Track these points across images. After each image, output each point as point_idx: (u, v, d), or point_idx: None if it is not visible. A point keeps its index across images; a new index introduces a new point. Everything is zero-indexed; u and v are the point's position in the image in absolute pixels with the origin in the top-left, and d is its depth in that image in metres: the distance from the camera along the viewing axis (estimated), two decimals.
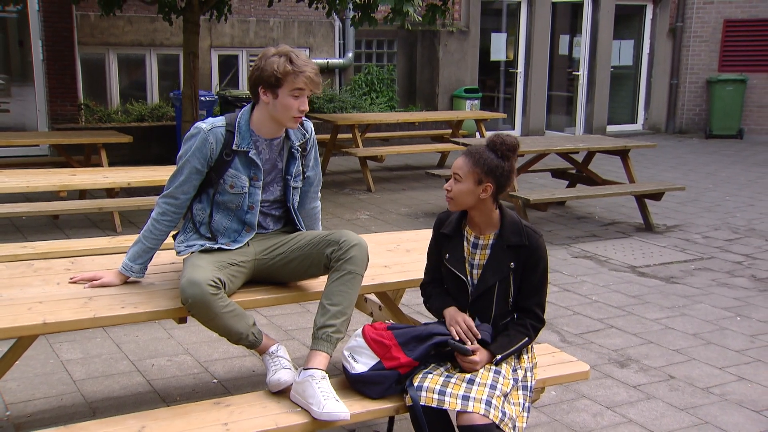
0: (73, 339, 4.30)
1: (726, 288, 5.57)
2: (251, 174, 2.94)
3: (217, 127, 2.91)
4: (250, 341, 2.85)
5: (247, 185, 2.94)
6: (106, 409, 3.49)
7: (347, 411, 2.61)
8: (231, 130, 2.91)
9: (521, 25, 13.45)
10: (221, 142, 2.89)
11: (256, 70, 2.87)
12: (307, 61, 2.86)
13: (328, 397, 2.61)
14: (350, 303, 2.83)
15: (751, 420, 3.57)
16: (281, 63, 2.81)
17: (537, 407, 3.58)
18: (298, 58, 2.83)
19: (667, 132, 14.90)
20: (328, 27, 12.20)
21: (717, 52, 14.42)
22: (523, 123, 13.71)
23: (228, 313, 2.73)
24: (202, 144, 2.88)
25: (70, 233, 6.54)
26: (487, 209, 2.80)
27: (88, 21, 10.46)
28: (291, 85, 2.82)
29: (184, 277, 2.69)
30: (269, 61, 2.82)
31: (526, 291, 2.81)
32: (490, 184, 2.72)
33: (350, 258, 2.83)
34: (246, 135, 2.92)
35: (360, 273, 2.85)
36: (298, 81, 2.82)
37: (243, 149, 2.91)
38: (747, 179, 10.16)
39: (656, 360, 4.25)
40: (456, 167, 2.77)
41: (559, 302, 5.16)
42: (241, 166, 2.92)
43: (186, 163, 2.90)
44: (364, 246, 2.88)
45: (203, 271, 2.70)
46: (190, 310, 2.71)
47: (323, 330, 2.78)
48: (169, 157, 9.63)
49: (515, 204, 6.79)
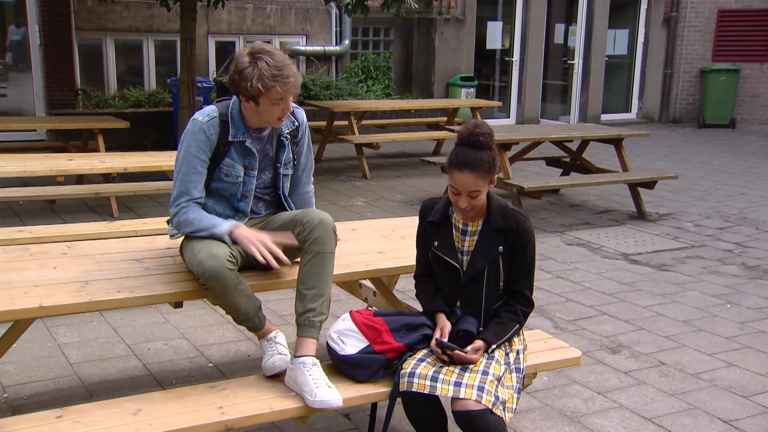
0: (69, 323, 4.33)
1: (717, 276, 5.63)
2: (246, 163, 2.94)
3: (213, 117, 2.87)
4: (254, 323, 2.89)
5: (242, 174, 2.94)
6: (103, 392, 3.53)
7: (340, 397, 2.64)
8: (225, 120, 2.88)
9: (517, 13, 13.43)
10: (218, 132, 2.87)
11: (232, 79, 2.79)
12: (282, 66, 2.73)
13: (320, 384, 2.64)
14: (325, 283, 2.83)
15: (739, 405, 3.62)
16: (254, 80, 2.70)
17: (529, 392, 3.63)
18: (271, 68, 2.70)
19: (660, 121, 14.94)
20: (325, 14, 12.18)
21: (711, 42, 14.45)
22: (518, 111, 13.73)
23: (240, 291, 2.77)
24: (205, 137, 2.85)
25: (67, 218, 6.56)
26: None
27: (85, 6, 10.42)
28: (269, 97, 2.75)
29: (202, 251, 2.69)
30: (244, 74, 2.72)
31: (516, 274, 2.84)
32: (495, 176, 2.75)
33: (315, 238, 2.81)
34: (240, 125, 2.91)
35: (327, 251, 2.82)
36: (273, 94, 2.74)
37: (239, 139, 2.90)
38: (739, 168, 10.21)
39: (647, 346, 4.30)
40: (467, 186, 2.67)
41: (552, 289, 5.21)
42: (236, 156, 2.92)
43: (194, 159, 2.86)
44: (327, 223, 2.84)
45: (221, 246, 2.72)
46: (205, 284, 2.71)
47: (304, 316, 2.80)
48: (167, 143, 9.67)
49: (510, 191, 6.83)
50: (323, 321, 2.83)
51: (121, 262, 3.07)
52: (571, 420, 3.43)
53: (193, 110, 8.10)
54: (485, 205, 2.84)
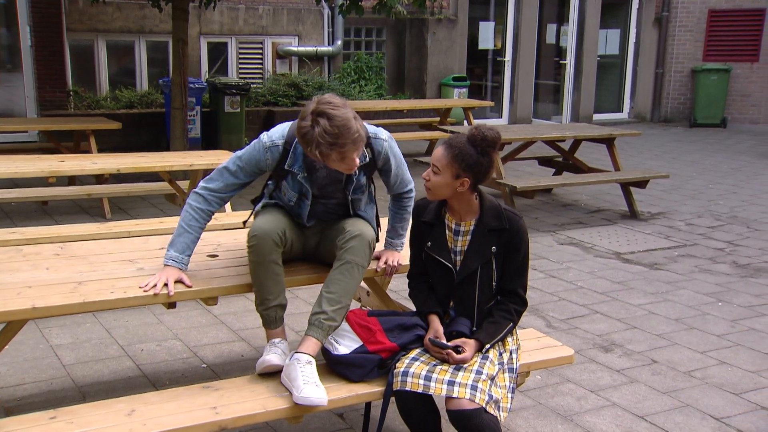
0: (62, 324, 4.32)
1: (708, 274, 5.66)
2: (301, 191, 2.98)
3: (276, 145, 2.88)
4: (269, 315, 2.95)
5: (295, 200, 3.00)
6: (96, 393, 3.52)
7: (325, 397, 2.64)
8: (288, 149, 2.88)
9: (509, 13, 13.46)
10: (277, 159, 2.90)
11: (299, 137, 2.73)
12: (339, 132, 2.64)
13: (308, 382, 2.64)
14: (346, 292, 2.87)
15: (731, 403, 3.65)
16: (313, 146, 2.65)
17: (522, 391, 3.64)
18: (327, 135, 2.63)
19: (652, 120, 14.99)
20: (317, 15, 12.18)
21: (702, 42, 14.51)
22: (510, 111, 13.76)
23: (272, 270, 2.86)
24: (259, 158, 2.90)
25: (59, 219, 6.54)
26: (465, 198, 2.82)
27: (76, 7, 10.40)
28: (335, 158, 2.71)
29: (264, 216, 2.92)
30: (305, 138, 2.67)
31: (510, 273, 2.85)
32: (467, 179, 2.74)
33: (350, 248, 2.88)
34: (300, 157, 2.88)
35: (357, 263, 2.89)
36: (332, 158, 2.71)
37: (294, 171, 2.91)
38: (730, 167, 10.26)
39: (639, 345, 4.32)
40: (435, 158, 2.77)
41: (545, 288, 5.23)
42: (293, 182, 2.96)
43: (232, 171, 2.93)
44: (366, 237, 2.91)
45: (277, 221, 2.90)
46: (249, 246, 2.85)
47: (316, 316, 2.84)
48: (159, 144, 9.65)
49: (502, 191, 6.85)
50: (333, 327, 2.85)
51: (114, 262, 3.07)
52: (564, 418, 3.45)
53: (185, 111, 8.10)
54: (478, 205, 2.85)
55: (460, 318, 2.85)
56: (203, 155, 6.06)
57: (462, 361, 2.70)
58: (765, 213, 7.67)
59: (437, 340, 2.75)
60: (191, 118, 9.51)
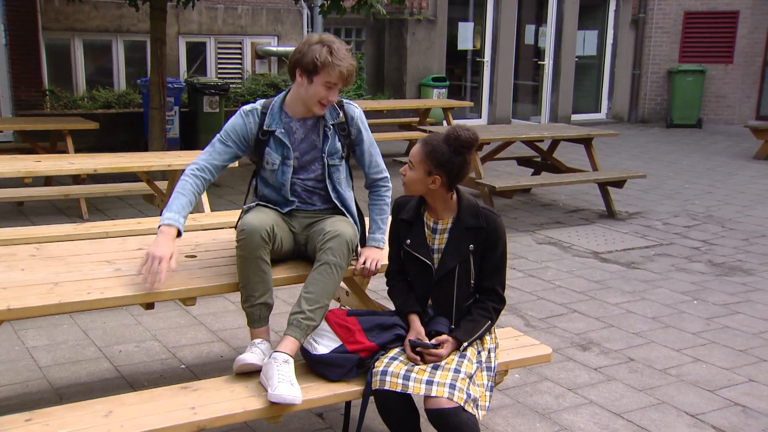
0: (39, 326, 4.28)
1: (684, 273, 5.72)
2: (283, 153, 3.09)
3: (255, 109, 3.11)
4: (254, 311, 2.95)
5: (278, 163, 3.09)
6: (73, 395, 3.49)
7: (299, 396, 2.64)
8: (265, 112, 3.10)
9: (488, 14, 13.52)
10: (257, 121, 3.09)
11: (297, 53, 3.02)
12: (346, 56, 2.98)
13: (283, 381, 2.65)
14: (324, 292, 2.89)
15: (705, 399, 3.69)
16: (323, 53, 2.94)
17: (501, 390, 3.66)
18: (339, 51, 2.96)
19: (629, 121, 15.13)
20: (297, 14, 12.16)
21: (678, 43, 14.68)
22: (489, 111, 13.82)
23: (259, 266, 2.89)
24: (241, 123, 3.08)
25: (36, 220, 6.48)
26: (441, 196, 2.84)
27: (52, 6, 10.30)
28: (326, 76, 2.96)
29: (254, 212, 2.99)
30: (311, 48, 2.97)
31: (487, 271, 2.87)
32: (438, 176, 2.77)
33: (328, 248, 2.92)
34: (277, 116, 3.10)
35: (335, 263, 2.91)
36: (333, 74, 2.95)
37: (272, 129, 3.08)
38: (705, 167, 10.38)
39: (617, 343, 4.36)
40: (411, 154, 2.83)
41: (523, 287, 5.26)
42: (275, 146, 3.09)
43: (221, 140, 3.09)
44: (344, 236, 2.94)
45: (266, 218, 2.96)
46: (238, 241, 2.90)
47: (295, 316, 2.86)
48: (137, 144, 9.59)
49: (481, 191, 6.88)
50: (312, 327, 2.86)
51: (91, 263, 3.05)
52: (542, 416, 3.47)
53: (163, 111, 8.05)
54: (456, 203, 2.87)
55: (439, 317, 2.86)
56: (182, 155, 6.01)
57: (437, 357, 2.72)
58: (739, 212, 7.77)
59: (419, 341, 2.76)
60: (170, 118, 9.45)
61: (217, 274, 3.02)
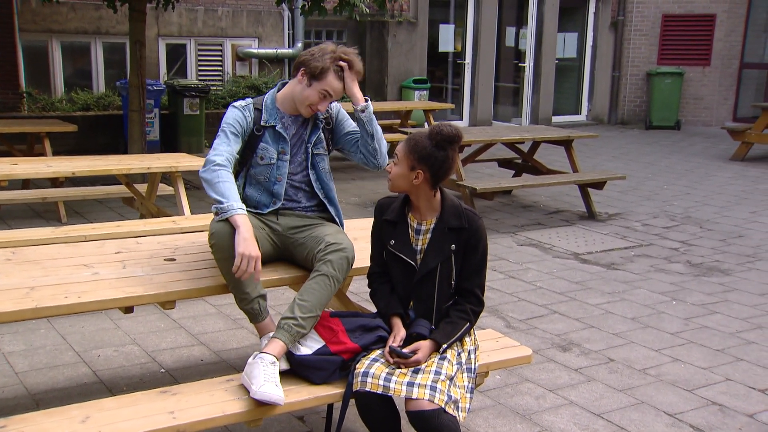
0: (15, 331, 4.23)
1: (663, 273, 5.77)
2: (279, 148, 3.14)
3: (249, 104, 3.16)
4: (253, 308, 2.95)
5: (275, 157, 3.12)
6: (50, 401, 3.45)
7: (282, 397, 2.64)
8: (259, 108, 3.15)
9: (469, 16, 13.58)
10: (253, 116, 3.14)
11: (309, 55, 3.10)
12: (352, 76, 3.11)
13: (269, 380, 2.64)
14: (318, 302, 2.88)
15: (684, 399, 3.72)
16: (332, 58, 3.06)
17: (482, 391, 3.67)
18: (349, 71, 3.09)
19: (609, 123, 15.25)
20: (277, 17, 12.13)
21: (656, 46, 14.82)
22: (470, 113, 13.87)
23: None
24: (240, 115, 3.10)
25: (12, 224, 6.41)
26: (425, 194, 2.85)
27: (29, 7, 10.19)
28: (325, 85, 3.06)
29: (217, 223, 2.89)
30: (324, 58, 3.06)
31: (467, 272, 2.88)
32: (422, 171, 2.78)
33: (328, 260, 2.92)
34: (272, 111, 3.16)
35: (332, 276, 2.91)
36: (332, 81, 3.07)
37: (270, 124, 3.14)
38: (684, 169, 10.48)
39: (597, 344, 4.39)
40: (396, 150, 2.86)
41: (504, 289, 5.28)
42: (270, 140, 3.14)
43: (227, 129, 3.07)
44: (345, 253, 2.95)
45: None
46: (211, 246, 2.88)
47: (286, 320, 2.84)
48: (116, 147, 9.52)
49: (462, 193, 6.89)
50: (301, 335, 2.85)
51: (68, 267, 3.02)
52: (523, 417, 3.48)
53: (143, 113, 8.00)
54: (439, 203, 2.88)
55: (420, 320, 2.87)
56: (161, 158, 5.98)
57: (415, 363, 2.72)
58: (717, 213, 7.85)
59: (397, 349, 2.76)
60: (150, 120, 9.40)
61: (196, 277, 3.00)
